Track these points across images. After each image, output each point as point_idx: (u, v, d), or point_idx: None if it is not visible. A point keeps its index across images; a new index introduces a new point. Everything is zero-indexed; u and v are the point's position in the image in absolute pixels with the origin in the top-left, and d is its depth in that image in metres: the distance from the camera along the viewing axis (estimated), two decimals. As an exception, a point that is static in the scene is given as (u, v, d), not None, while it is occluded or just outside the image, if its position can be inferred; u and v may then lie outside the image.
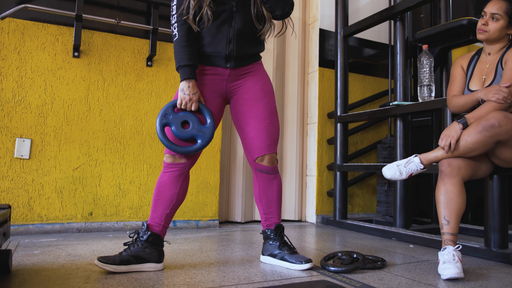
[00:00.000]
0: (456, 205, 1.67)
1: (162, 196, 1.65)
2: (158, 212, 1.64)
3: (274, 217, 1.79)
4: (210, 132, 1.64)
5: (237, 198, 3.08)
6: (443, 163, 1.73)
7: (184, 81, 1.61)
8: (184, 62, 1.61)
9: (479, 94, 1.79)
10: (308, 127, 3.37)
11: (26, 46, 2.41)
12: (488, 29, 1.88)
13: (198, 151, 1.64)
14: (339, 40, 3.12)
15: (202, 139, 1.63)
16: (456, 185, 1.69)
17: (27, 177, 2.35)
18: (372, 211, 3.44)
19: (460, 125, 1.72)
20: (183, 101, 1.62)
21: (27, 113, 2.38)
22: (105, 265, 1.50)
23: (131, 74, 2.65)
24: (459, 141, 1.70)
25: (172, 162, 1.65)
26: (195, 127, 1.62)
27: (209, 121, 1.65)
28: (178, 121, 1.62)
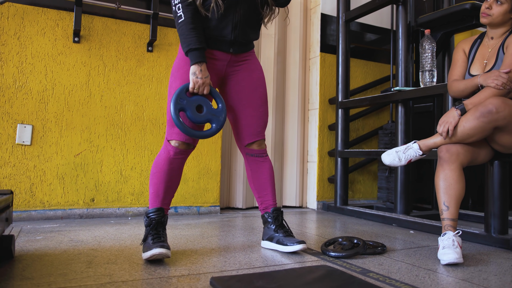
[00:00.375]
0: (455, 190, 1.67)
1: (174, 182, 1.67)
2: (169, 198, 1.67)
3: (269, 199, 1.80)
4: (223, 116, 1.63)
5: (238, 184, 3.09)
6: (442, 149, 1.74)
7: (195, 64, 1.58)
8: (195, 45, 1.58)
9: (479, 79, 1.78)
10: (309, 113, 3.36)
11: (26, 31, 2.39)
12: (491, 13, 1.86)
13: (213, 135, 1.63)
14: (341, 25, 3.09)
15: (217, 123, 1.62)
16: (455, 171, 1.69)
17: (28, 163, 2.36)
18: (373, 197, 3.46)
19: (458, 111, 1.71)
20: (196, 85, 1.59)
21: (28, 99, 2.37)
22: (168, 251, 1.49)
23: (132, 60, 2.63)
24: (457, 127, 1.70)
25: (186, 149, 1.66)
26: (209, 111, 1.61)
27: (220, 105, 1.64)
28: (192, 105, 1.59)
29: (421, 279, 1.37)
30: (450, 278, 1.40)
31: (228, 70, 1.73)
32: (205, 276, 1.34)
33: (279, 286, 1.23)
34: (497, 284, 1.34)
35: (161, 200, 1.64)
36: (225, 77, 1.75)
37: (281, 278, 1.32)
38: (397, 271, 1.46)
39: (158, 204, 1.64)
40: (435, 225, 2.24)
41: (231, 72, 1.74)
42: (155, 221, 1.59)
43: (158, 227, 1.59)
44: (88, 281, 1.27)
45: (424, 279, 1.38)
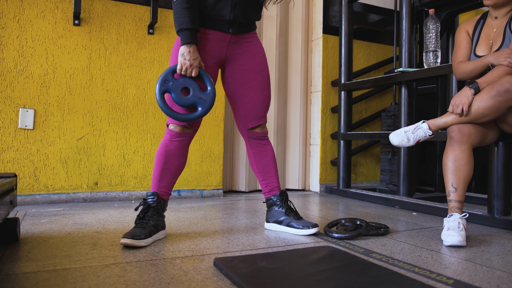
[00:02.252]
0: (464, 172, 1.65)
1: (171, 165, 1.65)
2: (165, 181, 1.65)
3: (274, 182, 1.80)
4: (210, 99, 1.60)
5: (241, 167, 3.09)
6: (453, 129, 1.70)
7: (184, 45, 1.56)
8: (186, 26, 1.55)
9: (489, 58, 1.75)
10: (312, 96, 3.34)
11: (26, 14, 2.37)
12: None
13: (198, 118, 1.60)
14: (344, 5, 3.05)
15: (203, 106, 1.59)
16: (466, 152, 1.66)
17: (32, 148, 2.36)
18: (376, 180, 3.46)
19: (472, 90, 1.67)
20: (183, 66, 1.56)
21: (29, 83, 2.36)
22: (139, 241, 1.45)
23: (133, 42, 2.61)
24: (471, 106, 1.66)
25: (181, 132, 1.64)
26: (196, 94, 1.58)
27: (209, 88, 1.61)
28: (178, 88, 1.57)
29: (424, 259, 1.38)
30: (453, 258, 1.41)
31: (229, 53, 1.70)
32: (209, 257, 1.35)
33: (282, 266, 1.24)
34: (499, 264, 1.35)
35: (156, 183, 1.65)
36: (226, 60, 1.72)
37: (285, 258, 1.32)
38: (399, 252, 1.47)
39: (153, 188, 1.65)
40: (437, 207, 2.24)
41: (232, 54, 1.71)
42: (145, 205, 1.60)
43: (148, 211, 1.59)
44: (93, 262, 1.28)
45: (427, 259, 1.38)
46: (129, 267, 1.24)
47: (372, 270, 1.23)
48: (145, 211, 1.59)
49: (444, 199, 2.63)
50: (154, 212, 1.59)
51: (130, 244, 1.44)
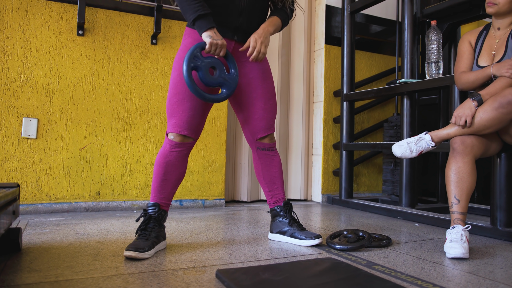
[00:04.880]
0: (467, 184, 1.65)
1: (170, 176, 1.63)
2: (166, 192, 1.64)
3: (279, 193, 1.80)
4: (234, 82, 1.58)
5: (243, 177, 3.09)
6: (456, 141, 1.70)
7: (207, 31, 1.52)
8: (201, 12, 1.51)
9: (491, 69, 1.75)
10: (314, 106, 3.35)
11: (30, 24, 2.39)
12: (497, 1, 1.83)
13: (224, 100, 1.58)
14: (346, 16, 3.07)
15: (228, 88, 1.57)
16: (469, 164, 1.66)
17: (34, 157, 2.37)
18: (378, 190, 3.45)
19: (475, 102, 1.68)
20: (213, 46, 1.52)
21: (33, 92, 2.38)
22: (143, 254, 1.44)
23: (136, 52, 2.63)
24: (474, 118, 1.66)
25: (181, 142, 1.62)
26: (222, 74, 1.55)
27: (233, 70, 1.59)
28: (206, 66, 1.53)
29: (427, 272, 1.37)
30: (456, 271, 1.40)
31: None
32: (211, 269, 1.35)
33: (285, 278, 1.23)
34: (503, 277, 1.34)
35: (157, 194, 1.63)
36: None
37: (287, 270, 1.32)
38: (402, 264, 1.46)
39: (153, 199, 1.63)
40: (440, 218, 2.23)
41: (237, 63, 1.70)
42: (146, 216, 1.59)
43: (150, 222, 1.58)
44: (95, 273, 1.27)
45: (430, 271, 1.38)
46: (131, 278, 1.24)
47: (375, 282, 1.22)
48: (147, 222, 1.58)
49: (447, 210, 2.62)
50: (156, 223, 1.59)
51: (134, 257, 1.43)
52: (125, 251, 1.45)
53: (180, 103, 1.60)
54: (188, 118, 1.61)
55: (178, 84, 1.61)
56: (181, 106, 1.60)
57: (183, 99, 1.60)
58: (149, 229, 1.57)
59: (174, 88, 1.62)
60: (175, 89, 1.62)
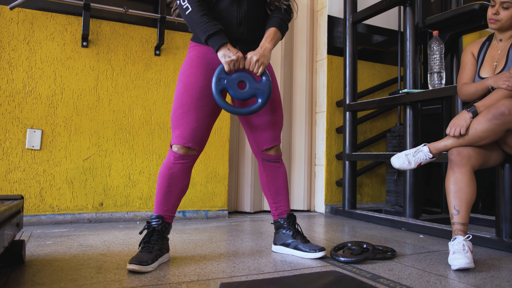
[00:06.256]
0: (466, 194, 1.65)
1: (174, 188, 1.63)
2: (169, 205, 1.63)
3: (284, 205, 1.80)
4: (267, 88, 1.58)
5: (246, 188, 3.08)
6: (453, 152, 1.71)
7: (220, 49, 1.55)
8: (212, 30, 1.53)
9: (489, 81, 1.77)
10: (317, 116, 3.35)
11: (36, 36, 2.41)
12: (499, 18, 1.84)
13: (260, 109, 1.59)
14: (348, 26, 3.08)
15: (262, 97, 1.57)
16: (466, 174, 1.67)
17: (38, 168, 2.37)
18: (381, 200, 3.44)
19: (470, 113, 1.70)
20: (231, 64, 1.54)
21: (37, 103, 2.39)
22: (147, 267, 1.43)
23: (140, 64, 2.64)
24: (469, 129, 1.68)
25: (185, 154, 1.62)
26: (252, 85, 1.56)
27: (263, 77, 1.59)
28: (234, 83, 1.56)
29: (432, 285, 1.36)
30: (462, 284, 1.39)
31: None
32: (215, 282, 1.34)
33: (289, 292, 1.22)
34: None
35: (160, 206, 1.62)
36: None
37: (291, 284, 1.31)
38: (407, 277, 1.45)
39: (157, 211, 1.63)
40: (445, 229, 2.22)
41: None
42: (150, 228, 1.59)
43: (153, 235, 1.57)
44: (98, 286, 1.27)
45: (435, 285, 1.37)
46: (134, 292, 1.23)
47: (380, 297, 1.21)
48: (150, 235, 1.58)
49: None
50: (159, 236, 1.58)
51: (138, 270, 1.42)
52: (128, 264, 1.44)
53: (185, 115, 1.61)
54: (192, 130, 1.61)
55: (183, 96, 1.62)
56: (185, 118, 1.61)
57: (187, 111, 1.61)
58: (153, 241, 1.56)
59: (179, 100, 1.63)
60: (179, 101, 1.62)
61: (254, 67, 1.59)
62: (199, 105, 1.61)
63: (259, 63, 1.59)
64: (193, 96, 1.61)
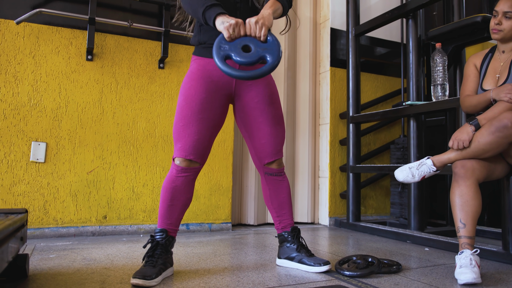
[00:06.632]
0: (471, 207, 1.64)
1: (177, 201, 1.62)
2: (173, 218, 1.62)
3: (288, 219, 1.79)
4: (276, 47, 1.42)
5: (249, 200, 3.07)
6: (457, 165, 1.71)
7: (218, 17, 1.45)
8: (210, 2, 1.47)
9: (491, 94, 1.76)
10: (320, 128, 3.35)
11: (41, 50, 2.43)
12: (502, 28, 1.85)
13: (272, 70, 1.41)
14: (351, 39, 3.10)
15: (272, 55, 1.40)
16: (471, 187, 1.66)
17: (42, 181, 2.37)
18: (386, 213, 3.42)
19: (472, 126, 1.70)
20: (231, 28, 1.42)
21: (42, 116, 2.40)
22: (150, 282, 1.42)
23: (144, 77, 2.66)
24: (472, 142, 1.68)
25: (187, 167, 1.61)
26: (259, 46, 1.41)
27: (269, 37, 1.44)
28: (237, 47, 1.40)
29: (439, 300, 1.34)
30: (469, 299, 1.37)
31: (239, 85, 1.67)
32: (219, 297, 1.33)
33: (294, 308, 1.21)
34: (518, 306, 1.31)
35: (164, 220, 1.62)
36: (236, 93, 1.69)
37: (296, 299, 1.30)
38: (414, 292, 1.44)
39: (160, 225, 1.62)
40: (450, 242, 2.20)
41: (242, 87, 1.68)
42: (154, 242, 1.58)
43: (157, 249, 1.56)
44: (102, 302, 1.26)
45: (442, 300, 1.35)
46: (138, 307, 1.22)
47: (387, 312, 1.20)
48: (154, 249, 1.57)
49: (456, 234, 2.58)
50: (163, 250, 1.57)
51: (142, 285, 1.41)
52: (132, 279, 1.43)
53: (186, 127, 1.61)
54: (194, 143, 1.61)
55: (184, 108, 1.62)
56: (187, 130, 1.60)
57: (188, 123, 1.60)
58: (156, 255, 1.55)
59: (180, 112, 1.63)
60: (181, 113, 1.63)
61: (256, 30, 1.45)
62: (200, 117, 1.61)
63: (259, 24, 1.45)
64: (194, 108, 1.61)
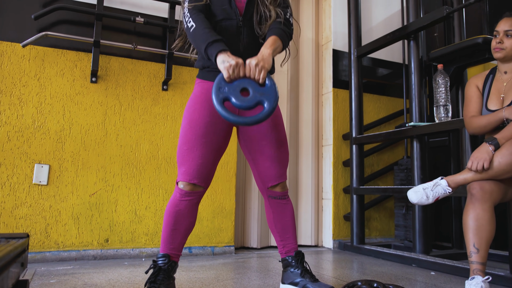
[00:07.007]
0: (486, 232, 1.60)
1: (180, 226, 1.61)
2: (176, 243, 1.61)
3: (292, 243, 1.76)
4: (274, 92, 1.44)
5: (252, 223, 3.04)
6: (475, 186, 1.66)
7: (220, 54, 1.47)
8: (212, 38, 1.49)
9: (504, 113, 1.75)
10: (323, 149, 3.34)
11: (46, 73, 2.45)
12: (504, 46, 1.86)
13: (268, 116, 1.43)
14: (353, 60, 3.12)
15: (269, 101, 1.42)
16: (488, 211, 1.62)
17: (44, 204, 2.36)
18: (390, 235, 3.38)
19: (492, 146, 1.66)
20: (230, 69, 1.45)
21: (45, 139, 2.41)
22: None
23: (147, 98, 2.67)
24: (492, 163, 1.64)
25: (191, 190, 1.60)
26: (257, 91, 1.43)
27: (267, 81, 1.46)
28: (236, 90, 1.43)
29: (448, 330, 1.31)
30: (478, 328, 1.34)
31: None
32: (223, 326, 1.30)
33: (299, 338, 1.18)
34: (528, 336, 1.27)
35: (167, 245, 1.60)
36: None
37: (301, 329, 1.27)
38: (421, 320, 1.41)
39: (163, 250, 1.60)
40: (457, 266, 2.16)
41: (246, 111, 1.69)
42: (156, 268, 1.55)
43: (159, 274, 1.54)
44: (103, 332, 1.23)
45: (451, 329, 1.32)
46: (140, 338, 1.19)
47: None
48: (156, 274, 1.54)
49: (463, 257, 2.54)
50: (165, 276, 1.55)
51: None
52: None
53: (190, 151, 1.60)
54: (198, 167, 1.60)
55: (188, 132, 1.62)
56: (191, 154, 1.60)
57: (192, 147, 1.60)
58: (159, 281, 1.53)
59: (184, 136, 1.63)
60: (185, 137, 1.62)
61: (255, 73, 1.48)
62: (204, 141, 1.61)
63: (259, 67, 1.49)
64: (198, 132, 1.61)
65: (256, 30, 1.67)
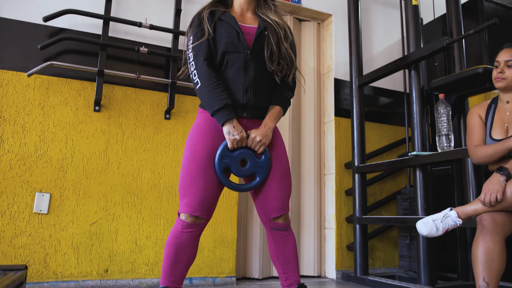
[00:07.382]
0: (497, 266, 1.56)
1: (181, 258, 1.58)
2: (177, 275, 1.58)
3: (294, 275, 1.73)
4: (266, 167, 1.66)
5: (254, 252, 3.00)
6: (486, 218, 1.63)
7: (226, 124, 1.60)
8: (218, 106, 1.57)
9: (511, 142, 1.74)
10: (326, 178, 3.32)
11: (50, 101, 2.47)
12: (505, 76, 1.87)
13: (256, 186, 1.68)
14: (354, 89, 3.14)
15: (260, 175, 1.66)
16: (499, 244, 1.58)
17: (44, 233, 2.34)
18: (394, 265, 3.31)
19: (504, 176, 1.64)
20: (235, 142, 1.60)
21: (47, 167, 2.40)
22: None
23: (150, 127, 2.68)
24: (504, 193, 1.62)
25: (193, 222, 1.59)
26: (253, 163, 1.65)
27: (263, 156, 1.67)
28: (236, 161, 1.64)
29: None
30: None
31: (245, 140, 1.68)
32: None
33: None
34: None
35: (167, 277, 1.57)
36: None
37: None
38: None
39: (163, 282, 1.57)
40: (464, 300, 2.11)
41: None
42: None
43: None
44: None
45: None
46: None
47: None
48: None
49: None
50: None
51: None
52: None
53: (193, 183, 1.60)
54: (200, 199, 1.59)
55: (191, 164, 1.61)
56: (193, 187, 1.59)
57: (195, 179, 1.60)
58: None
59: (187, 168, 1.62)
60: (187, 169, 1.62)
61: (256, 146, 1.65)
62: (207, 174, 1.61)
63: (261, 143, 1.65)
64: (201, 164, 1.61)
65: (268, 65, 1.69)
